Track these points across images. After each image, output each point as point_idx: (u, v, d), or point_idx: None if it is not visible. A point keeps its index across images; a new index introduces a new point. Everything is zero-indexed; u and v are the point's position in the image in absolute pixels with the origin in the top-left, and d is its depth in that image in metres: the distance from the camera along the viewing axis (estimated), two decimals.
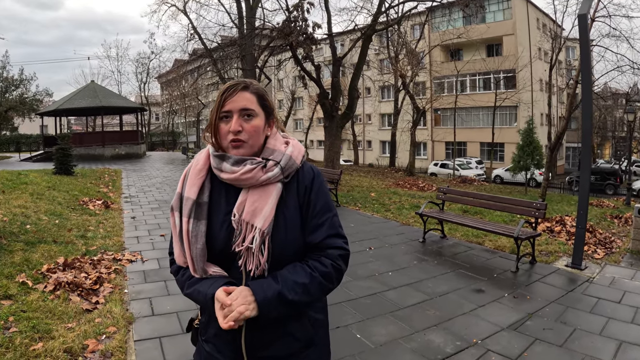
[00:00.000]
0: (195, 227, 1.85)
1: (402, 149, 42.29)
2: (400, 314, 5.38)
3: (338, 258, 1.87)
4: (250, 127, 1.84)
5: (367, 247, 8.45)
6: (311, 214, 1.89)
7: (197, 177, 1.91)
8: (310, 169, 1.96)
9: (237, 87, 1.85)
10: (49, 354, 4.17)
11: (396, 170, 35.84)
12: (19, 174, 15.84)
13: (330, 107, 19.52)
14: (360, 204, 13.74)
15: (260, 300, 1.70)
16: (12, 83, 42.22)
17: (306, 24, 17.19)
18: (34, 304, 5.29)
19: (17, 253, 7.07)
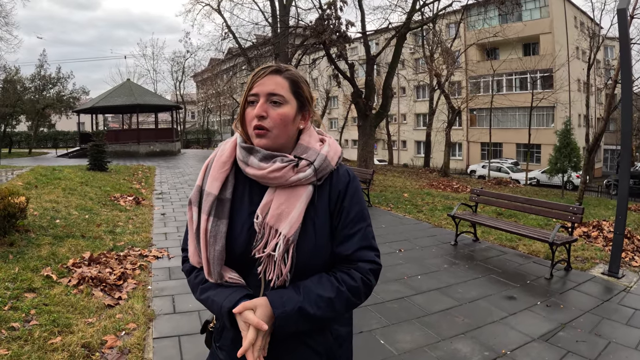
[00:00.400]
0: (215, 227, 1.68)
1: (437, 149, 41.78)
2: (427, 320, 5.18)
3: (369, 272, 1.70)
4: (276, 115, 1.65)
5: (397, 249, 8.26)
6: (343, 223, 1.71)
7: (221, 170, 1.74)
8: (345, 172, 1.79)
9: (267, 70, 1.69)
10: (67, 348, 4.15)
11: (431, 170, 35.38)
12: (53, 170, 16.08)
13: (364, 106, 19.33)
14: (393, 204, 13.53)
15: (279, 315, 1.55)
16: (49, 81, 43.11)
17: (339, 22, 17.04)
18: (57, 297, 5.31)
19: (44, 247, 7.11)
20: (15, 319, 4.66)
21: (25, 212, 7.77)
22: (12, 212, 7.22)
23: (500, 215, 11.42)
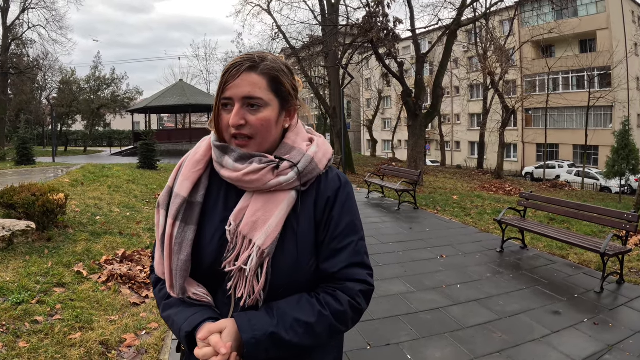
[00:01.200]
0: (182, 233, 1.46)
1: (491, 150, 40.78)
2: (462, 335, 4.80)
3: (358, 295, 1.46)
4: (257, 121, 1.43)
5: (439, 255, 7.91)
6: (331, 235, 1.48)
7: (193, 170, 1.52)
8: (336, 177, 1.55)
9: (241, 67, 1.42)
10: (84, 344, 4.11)
11: (484, 172, 34.59)
12: (102, 167, 16.42)
13: (413, 106, 18.97)
14: (440, 207, 13.11)
15: (247, 340, 1.30)
16: (104, 82, 44.57)
17: (387, 19, 16.80)
18: (84, 293, 5.31)
19: (80, 243, 7.15)
20: (40, 312, 4.68)
21: (64, 209, 7.88)
22: (51, 209, 7.32)
23: (552, 220, 10.86)
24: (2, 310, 4.58)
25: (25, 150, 21.06)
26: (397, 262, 7.39)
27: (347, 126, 29.72)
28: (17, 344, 4.03)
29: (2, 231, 6.49)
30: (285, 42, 27.68)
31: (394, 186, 13.29)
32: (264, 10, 27.98)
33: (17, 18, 39.91)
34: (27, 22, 40.53)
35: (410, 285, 6.32)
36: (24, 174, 15.20)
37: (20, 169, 17.95)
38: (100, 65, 44.94)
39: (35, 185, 7.82)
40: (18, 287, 5.17)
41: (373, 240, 8.79)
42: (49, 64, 42.97)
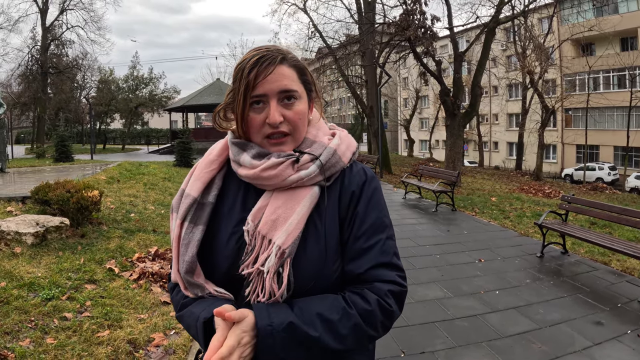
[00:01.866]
0: (189, 234, 1.37)
1: (530, 151, 39.81)
2: (499, 345, 4.58)
3: (387, 295, 1.32)
4: (294, 115, 1.35)
5: (477, 259, 7.67)
6: (356, 234, 1.36)
7: (206, 170, 1.45)
8: (361, 171, 1.45)
9: (273, 60, 1.33)
10: (112, 342, 4.08)
11: (522, 173, 33.93)
12: (139, 165, 16.62)
13: (452, 105, 18.64)
14: (478, 209, 12.83)
15: (262, 327, 1.17)
16: (142, 81, 45.38)
17: (424, 17, 16.56)
18: (114, 291, 5.29)
19: (114, 240, 7.18)
20: (70, 309, 4.67)
21: (98, 206, 7.92)
22: (85, 205, 7.38)
23: (594, 225, 10.48)
24: (31, 306, 4.58)
25: (64, 148, 21.50)
26: (433, 266, 7.21)
27: (384, 126, 29.49)
28: (44, 340, 4.01)
29: (35, 227, 6.53)
30: (322, 41, 27.62)
31: (432, 187, 13.06)
32: (300, 9, 27.98)
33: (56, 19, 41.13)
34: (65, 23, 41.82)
35: (447, 290, 6.14)
36: (62, 171, 15.46)
37: (58, 166, 18.31)
38: (138, 65, 45.83)
39: (70, 182, 7.88)
40: (49, 282, 5.19)
41: (409, 243, 8.64)
42: (88, 63, 44.20)
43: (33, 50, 40.85)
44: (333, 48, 27.61)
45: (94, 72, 45.95)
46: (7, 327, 4.16)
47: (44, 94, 40.89)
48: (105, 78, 45.71)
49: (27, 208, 8.08)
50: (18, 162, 21.08)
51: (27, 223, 6.63)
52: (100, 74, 46.18)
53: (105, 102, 43.54)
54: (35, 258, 5.99)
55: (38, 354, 3.77)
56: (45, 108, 41.55)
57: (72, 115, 47.45)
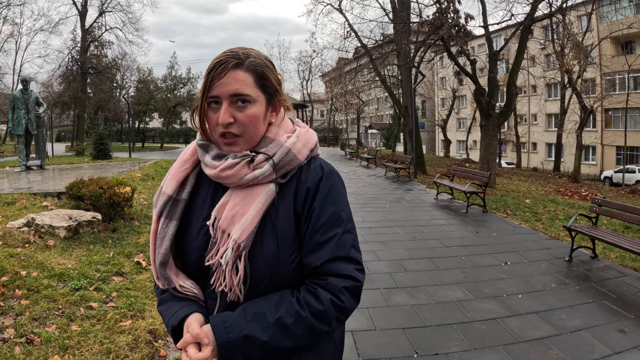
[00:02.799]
0: (164, 228, 1.50)
1: (568, 152, 38.93)
2: (516, 350, 4.51)
3: (342, 292, 1.39)
4: (245, 118, 1.42)
5: (503, 262, 7.59)
6: (312, 228, 1.44)
7: (180, 169, 1.56)
8: (318, 167, 1.51)
9: (227, 65, 1.41)
10: (133, 332, 4.24)
11: (560, 175, 33.19)
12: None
13: (486, 105, 18.39)
14: (511, 210, 12.64)
15: (221, 343, 1.31)
16: (180, 81, 46.10)
17: (458, 15, 16.42)
18: (140, 283, 5.47)
19: (144, 235, 7.39)
20: (96, 299, 4.88)
21: (130, 202, 8.14)
22: (117, 201, 7.61)
23: (628, 229, 10.22)
24: (60, 295, 4.80)
25: (102, 146, 22.03)
26: (458, 267, 7.17)
27: (420, 126, 29.36)
28: (69, 327, 4.21)
29: (69, 221, 6.77)
30: (358, 40, 27.64)
31: (463, 188, 12.96)
32: (335, 9, 28.08)
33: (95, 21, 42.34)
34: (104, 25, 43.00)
35: (468, 292, 6.10)
36: (99, 168, 15.88)
37: (96, 163, 18.79)
38: (177, 65, 46.62)
39: (104, 179, 8.12)
40: (78, 274, 5.41)
41: (436, 244, 8.62)
42: (127, 63, 45.46)
43: (73, 51, 42.27)
44: (369, 48, 27.59)
45: (132, 72, 47.26)
46: (36, 314, 4.37)
47: (84, 94, 42.06)
48: (143, 78, 46.72)
49: (62, 203, 8.37)
50: (58, 159, 21.76)
51: (60, 217, 6.88)
52: (139, 74, 47.35)
53: (143, 102, 44.49)
54: (67, 250, 6.23)
55: (62, 339, 3.96)
56: (85, 107, 42.76)
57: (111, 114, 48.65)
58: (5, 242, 6.08)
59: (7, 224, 6.75)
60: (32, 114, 14.34)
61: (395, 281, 6.40)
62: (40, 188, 9.78)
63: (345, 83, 46.14)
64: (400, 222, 10.65)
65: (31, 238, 6.33)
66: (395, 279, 6.52)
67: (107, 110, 47.30)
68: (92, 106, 45.07)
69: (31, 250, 6.01)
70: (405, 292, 6.01)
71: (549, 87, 48.01)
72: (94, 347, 3.91)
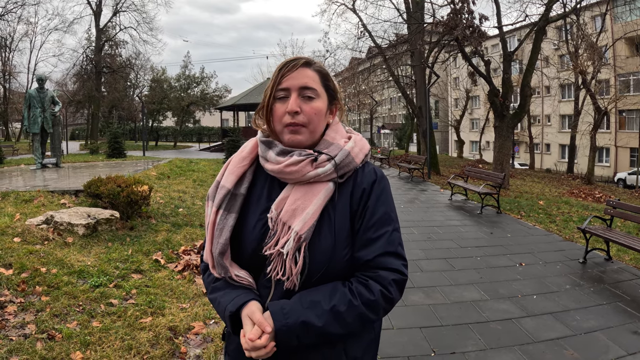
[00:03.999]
0: (223, 220, 1.60)
1: (582, 154, 38.66)
2: (531, 350, 4.53)
3: (391, 284, 1.51)
4: (311, 109, 1.57)
5: (518, 263, 7.58)
6: (366, 225, 1.56)
7: (239, 165, 1.67)
8: (372, 171, 1.64)
9: (297, 63, 1.58)
10: (153, 328, 4.31)
11: (573, 177, 32.90)
12: (189, 162, 17.02)
13: (500, 106, 18.28)
14: (525, 212, 12.59)
15: (279, 328, 1.42)
16: (193, 80, 46.38)
17: (472, 16, 16.33)
18: (159, 281, 5.54)
19: (161, 233, 7.45)
20: (116, 296, 4.96)
21: (148, 200, 8.23)
22: (135, 200, 7.69)
23: None
24: (80, 292, 4.88)
25: (117, 144, 22.18)
26: (473, 268, 7.18)
27: (433, 126, 29.23)
28: (90, 324, 4.29)
29: (87, 219, 6.86)
30: (371, 40, 27.55)
31: (477, 189, 12.94)
32: (349, 9, 27.95)
33: (109, 21, 42.65)
34: (119, 24, 43.24)
35: (484, 292, 6.12)
36: (114, 166, 16.02)
37: (111, 162, 18.93)
38: (190, 65, 46.80)
39: (121, 177, 8.21)
40: (98, 271, 5.49)
41: (451, 244, 8.63)
42: (141, 63, 45.68)
43: (87, 50, 42.58)
44: (382, 48, 27.52)
45: (146, 72, 47.44)
46: (57, 310, 4.46)
47: (98, 93, 42.38)
48: (157, 77, 46.98)
49: (80, 201, 8.47)
50: (72, 158, 21.95)
51: (79, 215, 6.97)
52: (152, 73, 47.51)
53: (157, 101, 44.75)
54: (85, 248, 6.31)
55: (83, 335, 4.04)
56: (99, 106, 43.09)
57: (125, 113, 48.97)
58: (24, 239, 6.18)
59: (25, 221, 6.85)
60: (47, 113, 14.48)
61: (412, 281, 6.42)
62: (57, 186, 9.89)
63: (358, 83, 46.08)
64: (415, 222, 10.66)
65: (50, 235, 6.42)
66: (411, 278, 6.54)
67: (121, 109, 47.60)
68: (106, 105, 45.42)
69: (50, 247, 6.10)
70: (422, 292, 6.04)
71: (563, 88, 47.58)
72: (115, 343, 3.98)
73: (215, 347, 4.11)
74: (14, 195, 8.72)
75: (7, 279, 4.96)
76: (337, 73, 63.65)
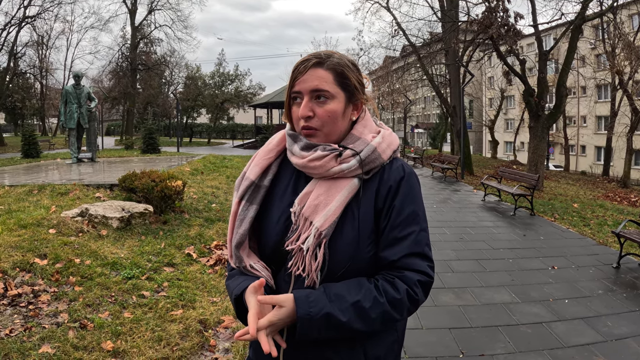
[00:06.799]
0: (244, 211, 1.59)
1: (618, 156, 37.50)
2: (560, 355, 4.45)
3: (416, 284, 1.46)
4: (323, 112, 1.51)
5: (550, 266, 7.45)
6: (392, 224, 1.49)
7: (264, 157, 1.65)
8: (400, 168, 1.57)
9: (308, 64, 1.52)
10: (184, 321, 4.38)
11: (609, 180, 32.11)
12: (223, 158, 17.17)
13: (535, 106, 17.95)
14: (558, 214, 12.37)
15: (301, 315, 1.36)
16: (228, 78, 46.76)
17: (507, 14, 16.05)
18: (191, 274, 5.63)
19: (194, 228, 7.55)
20: (148, 288, 5.07)
21: (181, 195, 8.35)
22: (169, 194, 7.80)
23: None
24: (113, 283, 4.99)
25: (151, 140, 22.54)
26: (505, 270, 7.10)
27: (467, 126, 28.91)
28: (122, 314, 4.40)
29: (121, 212, 6.99)
30: (405, 39, 27.42)
31: (511, 190, 12.77)
32: (383, 7, 27.91)
33: (144, 19, 43.36)
34: (153, 22, 43.93)
35: (515, 295, 6.04)
36: (148, 162, 16.26)
37: (145, 157, 19.27)
38: (224, 62, 47.18)
39: (156, 172, 8.34)
40: (130, 263, 5.61)
41: (484, 245, 8.54)
42: (175, 60, 46.34)
43: (123, 48, 43.52)
44: (416, 46, 27.35)
45: (181, 69, 48.07)
46: (89, 300, 4.58)
47: (133, 89, 43.18)
48: (192, 74, 47.53)
49: (114, 195, 8.64)
50: (107, 153, 22.43)
51: (113, 208, 7.11)
52: (187, 70, 48.06)
53: (192, 98, 45.25)
54: (119, 240, 6.45)
55: (115, 325, 4.14)
56: (134, 102, 43.89)
57: (159, 110, 49.71)
58: (59, 231, 6.33)
59: (61, 213, 7.01)
60: (84, 108, 14.82)
61: (442, 281, 6.38)
62: (92, 180, 10.12)
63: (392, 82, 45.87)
64: (448, 222, 10.59)
65: (84, 227, 6.57)
66: (442, 279, 6.51)
67: (155, 106, 48.32)
68: (141, 101, 46.15)
69: (84, 239, 6.24)
70: (452, 293, 6.00)
71: (599, 89, 46.39)
72: (145, 334, 4.06)
73: (244, 341, 4.14)
74: (50, 188, 8.95)
75: (42, 269, 5.10)
76: (371, 71, 63.40)
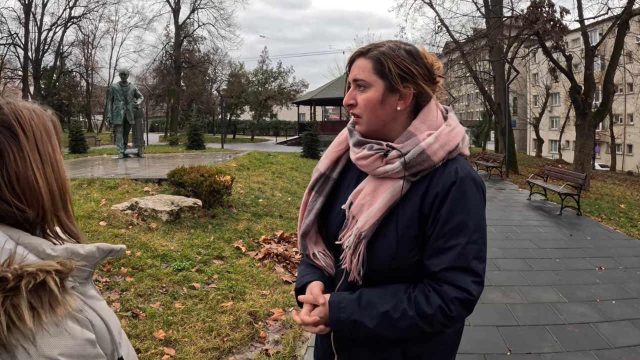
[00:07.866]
0: (313, 202, 1.66)
1: None
2: (607, 355, 4.38)
3: (453, 302, 1.39)
4: (361, 101, 1.51)
5: (597, 267, 7.30)
6: (437, 233, 1.41)
7: (334, 150, 1.68)
8: (453, 171, 1.44)
9: (354, 55, 1.55)
10: (234, 312, 4.49)
11: None
12: (268, 155, 17.30)
13: (582, 104, 17.53)
14: (605, 215, 12.10)
15: (331, 319, 1.47)
16: (271, 75, 47.01)
17: (553, 9, 15.75)
18: (240, 267, 5.75)
19: (242, 222, 7.70)
20: (198, 280, 5.20)
21: (229, 190, 8.51)
22: (217, 189, 7.96)
23: None
24: (163, 274, 5.14)
25: (196, 136, 22.85)
26: (552, 269, 7.00)
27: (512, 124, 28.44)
28: (173, 305, 4.54)
29: (171, 206, 7.17)
30: (449, 35, 27.07)
31: (557, 189, 12.54)
32: (426, 3, 27.51)
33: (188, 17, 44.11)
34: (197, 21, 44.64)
35: (562, 294, 5.95)
36: (194, 157, 16.53)
37: (190, 153, 19.55)
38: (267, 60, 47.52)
39: (204, 167, 8.51)
40: (180, 255, 5.75)
41: (530, 244, 8.44)
42: (219, 58, 46.99)
43: (167, 46, 44.41)
44: (460, 43, 27.01)
45: (224, 66, 48.66)
46: (141, 291, 4.73)
47: (177, 87, 43.97)
48: (235, 72, 47.96)
49: (163, 189, 8.84)
50: (152, 148, 22.93)
51: (163, 202, 7.29)
52: (230, 68, 48.57)
53: (235, 95, 45.68)
54: (168, 233, 6.62)
55: (166, 315, 4.28)
56: (178, 99, 44.66)
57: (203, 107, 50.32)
58: (109, 223, 6.54)
59: (111, 206, 7.23)
60: (130, 105, 15.19)
61: (490, 279, 6.33)
62: (139, 174, 10.34)
63: None
64: (494, 221, 10.47)
65: (134, 220, 6.76)
66: (489, 277, 6.46)
67: (199, 103, 48.93)
68: (186, 98, 46.90)
69: (134, 231, 6.43)
70: (499, 291, 5.97)
71: None
72: (196, 324, 4.18)
73: (294, 333, 4.24)
74: (99, 182, 9.18)
75: None
76: None
